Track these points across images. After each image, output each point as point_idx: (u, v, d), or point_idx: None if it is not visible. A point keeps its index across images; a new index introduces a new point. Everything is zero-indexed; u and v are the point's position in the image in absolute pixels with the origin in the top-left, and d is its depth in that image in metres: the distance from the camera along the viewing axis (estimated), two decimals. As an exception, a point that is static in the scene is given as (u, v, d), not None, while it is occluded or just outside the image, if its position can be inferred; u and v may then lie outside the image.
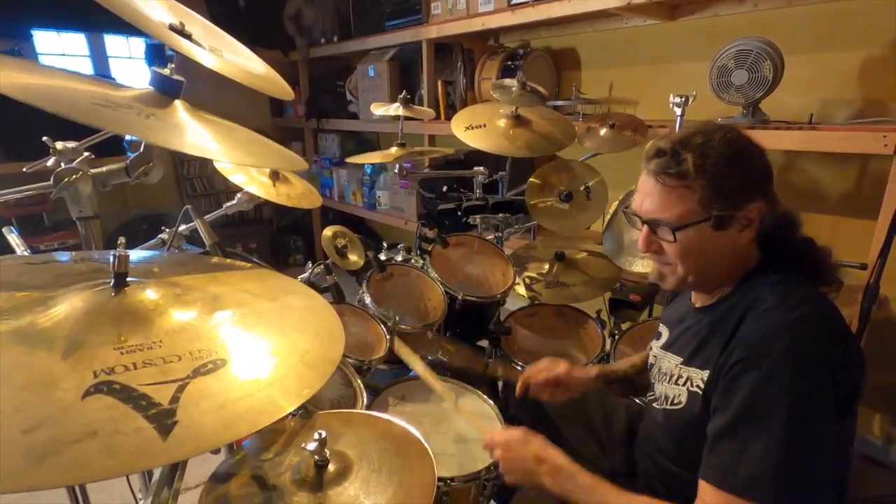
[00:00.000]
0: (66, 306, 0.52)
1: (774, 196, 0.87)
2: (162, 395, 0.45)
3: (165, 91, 0.71)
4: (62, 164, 0.73)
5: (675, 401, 0.92)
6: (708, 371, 0.85)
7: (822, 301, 0.83)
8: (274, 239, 4.06)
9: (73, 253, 0.66)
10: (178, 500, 0.66)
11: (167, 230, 1.12)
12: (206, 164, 3.72)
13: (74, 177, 0.69)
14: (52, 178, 0.70)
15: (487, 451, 0.98)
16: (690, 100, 1.80)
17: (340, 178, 3.78)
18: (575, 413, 1.29)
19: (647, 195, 0.88)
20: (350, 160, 1.84)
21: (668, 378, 0.95)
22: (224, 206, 1.26)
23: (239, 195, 1.25)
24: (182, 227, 1.06)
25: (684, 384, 0.90)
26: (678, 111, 1.83)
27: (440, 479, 1.16)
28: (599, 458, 1.24)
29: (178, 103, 0.72)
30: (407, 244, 2.05)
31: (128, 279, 0.53)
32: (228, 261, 0.75)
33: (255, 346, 0.53)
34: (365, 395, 1.25)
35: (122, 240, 0.54)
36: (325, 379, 0.50)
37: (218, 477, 0.85)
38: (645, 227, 0.90)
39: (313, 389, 0.48)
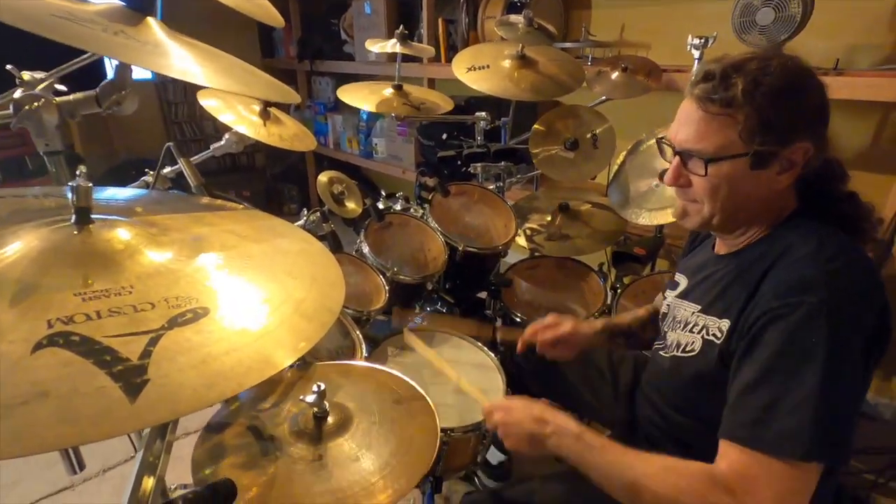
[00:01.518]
0: (21, 245, 0.44)
1: (825, 140, 0.79)
2: (130, 348, 0.38)
3: (136, 6, 0.61)
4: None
5: (688, 348, 0.88)
6: (728, 321, 0.80)
7: (859, 254, 0.78)
8: (268, 187, 3.95)
9: (38, 188, 0.59)
10: (180, 444, 0.61)
11: (151, 172, 1.04)
12: (194, 107, 3.56)
13: (36, 104, 0.61)
14: (10, 107, 0.62)
15: (485, 416, 0.94)
16: (710, 42, 1.69)
17: (336, 125, 3.63)
18: (585, 363, 1.27)
19: (685, 123, 0.81)
20: (341, 93, 1.71)
21: (682, 326, 0.91)
22: (212, 146, 1.18)
23: (227, 135, 1.16)
24: (167, 170, 0.98)
25: (699, 332, 0.86)
26: (696, 54, 1.71)
27: (441, 430, 1.15)
28: (608, 407, 1.22)
29: (151, 21, 0.63)
30: (406, 193, 1.97)
31: (95, 217, 0.46)
32: (217, 201, 0.68)
33: (243, 293, 0.47)
34: (364, 346, 1.22)
35: (81, 169, 0.47)
36: (323, 331, 0.44)
37: (212, 427, 0.82)
38: (676, 159, 0.83)
39: (311, 343, 0.43)
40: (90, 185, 0.45)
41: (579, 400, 1.27)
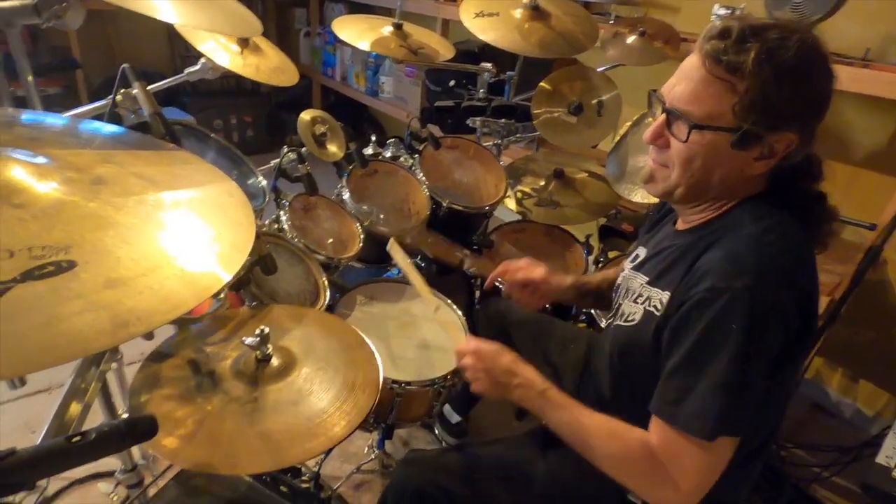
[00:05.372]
0: None
1: (812, 135, 0.75)
2: None
3: None
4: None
5: (629, 318, 0.88)
6: (668, 293, 0.80)
7: (800, 244, 0.77)
8: (270, 114, 3.85)
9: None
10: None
11: (123, 91, 1.00)
12: (200, 21, 3.40)
13: (-34, 9, 0.57)
14: (-59, 7, 0.58)
15: (456, 357, 0.94)
16: (737, 13, 1.57)
17: (344, 57, 3.49)
18: (539, 333, 1.28)
19: (684, 79, 0.76)
20: (336, 26, 1.61)
21: (631, 296, 0.91)
22: (186, 70, 1.12)
23: (202, 61, 1.10)
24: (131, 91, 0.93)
25: (643, 303, 0.85)
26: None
27: (395, 382, 1.17)
28: (554, 379, 1.24)
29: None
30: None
31: None
32: (147, 137, 0.64)
33: (123, 249, 0.43)
34: (328, 292, 1.22)
35: None
36: (198, 301, 0.42)
37: (154, 356, 0.83)
38: (662, 116, 0.79)
39: (180, 310, 0.41)
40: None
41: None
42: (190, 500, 0.96)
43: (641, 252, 0.99)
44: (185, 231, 0.47)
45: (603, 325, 1.17)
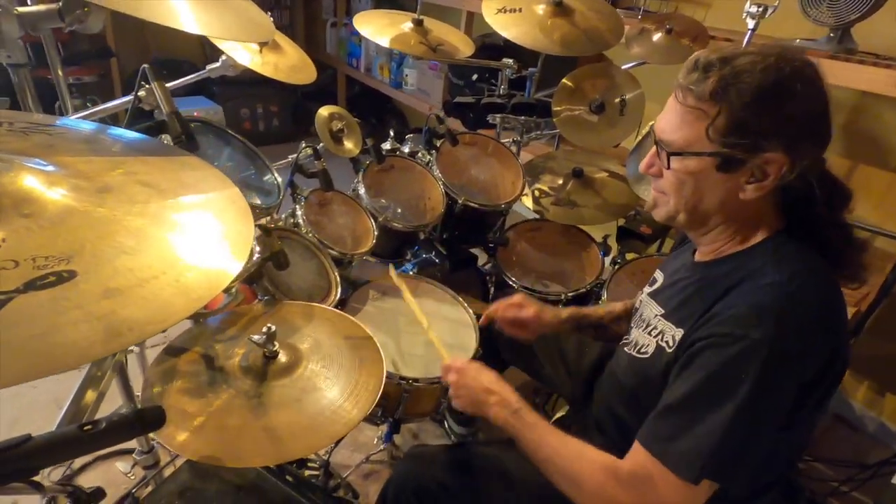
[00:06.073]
0: None
1: (807, 157, 0.72)
2: None
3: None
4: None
5: (643, 350, 0.88)
6: (682, 330, 0.79)
7: (827, 289, 0.74)
8: (296, 104, 3.89)
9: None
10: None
11: (147, 86, 1.03)
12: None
13: (-6, 14, 0.60)
14: (-30, 14, 0.61)
15: (442, 372, 0.99)
16: (769, 11, 1.51)
17: (369, 49, 3.50)
18: (555, 339, 1.28)
19: (666, 111, 0.79)
20: (357, 21, 1.61)
21: (644, 325, 0.91)
22: (207, 68, 1.15)
23: (223, 58, 1.12)
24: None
25: (656, 336, 0.86)
26: (751, 23, 1.54)
27: (402, 379, 1.19)
28: (567, 386, 1.25)
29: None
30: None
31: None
32: (161, 144, 0.66)
33: (119, 258, 0.44)
34: (340, 288, 1.24)
35: None
36: (187, 314, 0.43)
37: (170, 350, 0.86)
38: (654, 147, 0.81)
39: (167, 322, 0.42)
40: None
41: (543, 373, 1.29)
42: (201, 483, 0.99)
43: (659, 277, 0.98)
44: (183, 242, 0.49)
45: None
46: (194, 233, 0.50)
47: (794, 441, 0.81)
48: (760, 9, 1.50)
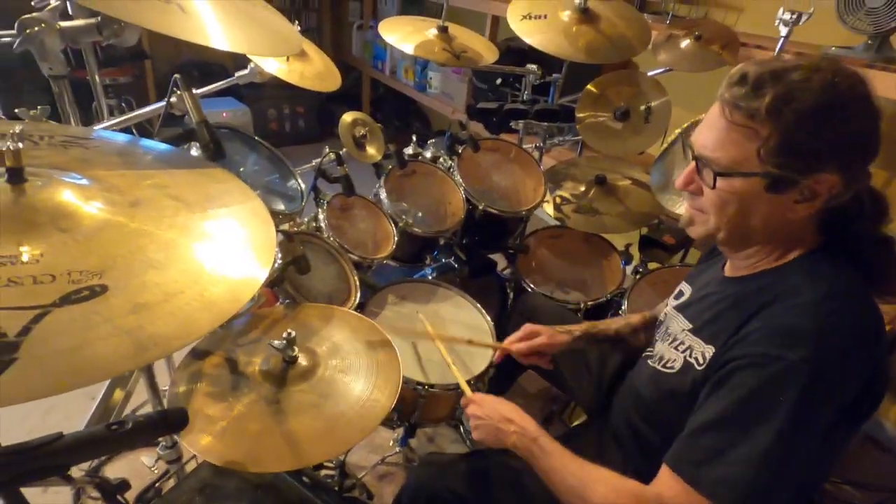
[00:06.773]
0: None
1: (859, 175, 0.70)
2: (10, 323, 0.37)
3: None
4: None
5: (669, 364, 0.86)
6: (713, 347, 0.77)
7: (868, 311, 0.71)
8: (322, 106, 3.95)
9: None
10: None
11: (178, 92, 1.06)
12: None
13: (37, 28, 0.62)
14: (15, 27, 0.64)
15: (462, 405, 0.99)
16: (803, 18, 1.47)
17: (394, 51, 3.52)
18: (576, 349, 1.27)
19: (708, 127, 0.74)
20: (382, 28, 1.62)
21: (670, 339, 0.89)
22: (235, 75, 1.18)
23: (251, 66, 1.15)
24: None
25: (684, 351, 0.83)
26: (784, 30, 1.50)
27: (419, 384, 1.20)
28: (587, 396, 1.23)
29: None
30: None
31: (32, 173, 0.45)
32: (184, 154, 0.68)
33: (147, 272, 0.45)
34: (359, 292, 1.25)
35: (15, 129, 0.46)
36: (210, 328, 0.45)
37: (197, 353, 0.89)
38: (693, 163, 0.78)
39: (191, 338, 0.44)
40: (20, 145, 0.45)
41: (563, 382, 1.28)
42: (220, 480, 1.02)
43: (686, 290, 0.96)
44: (208, 254, 0.50)
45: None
46: (219, 244, 0.51)
47: (825, 463, 0.78)
48: (794, 16, 1.46)
